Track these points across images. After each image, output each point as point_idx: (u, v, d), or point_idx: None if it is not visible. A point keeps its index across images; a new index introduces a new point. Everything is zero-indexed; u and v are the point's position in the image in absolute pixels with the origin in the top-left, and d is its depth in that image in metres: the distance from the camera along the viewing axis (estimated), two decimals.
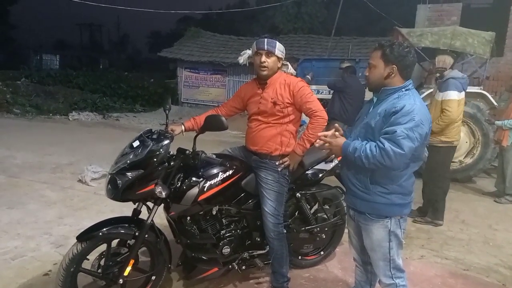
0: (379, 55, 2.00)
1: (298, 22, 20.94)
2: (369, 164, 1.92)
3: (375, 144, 1.92)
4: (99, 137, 8.88)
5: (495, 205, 5.11)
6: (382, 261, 2.15)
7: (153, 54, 21.52)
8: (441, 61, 4.08)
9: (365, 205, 2.08)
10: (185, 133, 2.71)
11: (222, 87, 15.25)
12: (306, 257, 3.16)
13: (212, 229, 2.61)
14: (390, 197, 2.02)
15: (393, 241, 2.09)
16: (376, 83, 2.05)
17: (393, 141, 1.86)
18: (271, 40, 2.51)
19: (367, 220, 2.10)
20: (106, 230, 2.29)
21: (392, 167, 1.92)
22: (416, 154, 1.99)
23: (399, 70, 1.99)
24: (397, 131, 1.86)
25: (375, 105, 2.08)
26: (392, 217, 2.06)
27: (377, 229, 2.08)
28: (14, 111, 11.97)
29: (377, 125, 1.97)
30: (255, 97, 2.64)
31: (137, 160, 2.27)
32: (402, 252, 2.21)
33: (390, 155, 1.85)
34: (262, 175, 2.60)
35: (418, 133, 1.88)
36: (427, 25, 9.58)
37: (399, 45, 1.99)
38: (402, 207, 2.06)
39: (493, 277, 3.17)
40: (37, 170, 5.70)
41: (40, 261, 3.09)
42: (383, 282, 2.21)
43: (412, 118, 1.87)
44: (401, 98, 1.95)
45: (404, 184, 2.03)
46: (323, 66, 8.83)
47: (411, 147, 1.86)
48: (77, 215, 4.08)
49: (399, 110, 1.89)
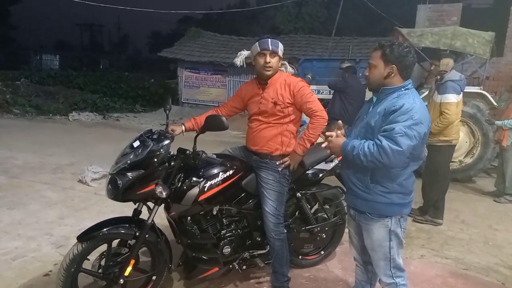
0: (379, 55, 2.01)
1: (299, 22, 20.95)
2: (367, 162, 1.93)
3: (373, 142, 1.93)
4: (99, 137, 8.88)
5: (495, 205, 5.11)
6: (383, 261, 2.15)
7: (154, 54, 21.55)
8: (445, 64, 4.14)
9: (365, 204, 2.09)
10: (185, 133, 2.71)
11: (223, 87, 15.26)
12: (307, 257, 3.16)
13: (212, 229, 2.61)
14: (390, 196, 2.02)
15: (393, 240, 2.09)
16: (376, 83, 2.06)
17: (391, 139, 1.87)
18: (274, 40, 2.51)
19: (368, 219, 2.11)
20: (106, 230, 2.29)
21: (390, 164, 1.92)
22: (416, 153, 2.00)
23: (399, 70, 2.00)
24: (395, 128, 1.87)
25: (374, 105, 2.09)
26: (392, 217, 2.06)
27: (378, 229, 2.09)
28: (14, 111, 11.96)
29: (376, 124, 1.98)
30: (255, 97, 2.65)
31: (138, 160, 2.27)
32: (402, 251, 2.21)
33: (388, 153, 1.86)
34: (263, 175, 2.60)
35: (416, 131, 1.88)
36: (427, 25, 9.58)
37: (399, 45, 2.00)
38: (402, 207, 2.07)
39: (493, 277, 3.18)
40: (37, 171, 5.70)
41: (41, 261, 3.09)
42: (383, 281, 2.21)
43: (411, 117, 1.88)
44: (401, 98, 1.96)
45: (404, 184, 2.04)
46: (323, 66, 8.84)
47: (409, 144, 1.87)
48: (78, 215, 4.08)
49: (398, 109, 1.90)
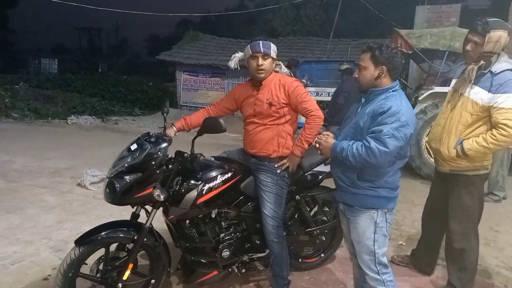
0: (369, 57, 2.08)
1: (297, 25, 21.01)
2: (355, 162, 2.02)
3: (361, 144, 2.01)
4: (98, 141, 8.86)
5: (495, 207, 5.09)
6: (367, 255, 2.19)
7: (152, 57, 21.54)
8: (494, 42, 2.39)
9: (353, 198, 2.17)
10: (177, 133, 2.69)
11: (221, 90, 15.25)
12: (306, 260, 3.14)
13: (211, 232, 2.59)
14: (378, 190, 2.10)
15: (378, 233, 2.15)
16: (367, 84, 2.13)
17: (379, 140, 1.95)
18: (266, 42, 2.49)
19: (355, 211, 2.18)
20: (104, 234, 2.27)
21: (378, 164, 2.01)
22: (402, 153, 2.08)
23: (388, 71, 2.06)
24: (383, 130, 1.95)
25: (363, 105, 2.17)
26: (378, 209, 2.13)
27: (364, 220, 2.15)
28: (13, 115, 11.93)
29: (365, 125, 2.06)
30: (250, 98, 2.63)
31: (135, 163, 2.25)
32: (392, 251, 2.20)
33: (376, 153, 1.95)
34: (261, 177, 2.59)
35: (403, 133, 1.96)
36: (426, 26, 9.60)
37: (387, 47, 2.07)
38: (388, 200, 2.14)
39: (494, 279, 3.16)
40: (36, 175, 5.68)
41: (39, 265, 3.07)
42: (370, 276, 2.22)
43: (398, 119, 1.95)
44: (388, 99, 2.03)
45: (390, 180, 2.11)
46: (322, 68, 8.88)
47: (396, 145, 1.95)
48: (77, 219, 4.06)
49: (386, 111, 1.98)
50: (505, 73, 2.41)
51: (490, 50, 2.41)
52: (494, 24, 2.39)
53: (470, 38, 2.48)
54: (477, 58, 2.48)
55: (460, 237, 2.70)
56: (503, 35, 2.38)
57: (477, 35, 2.44)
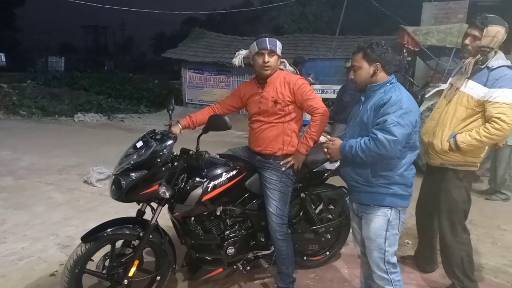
0: (361, 56, 2.12)
1: (303, 22, 20.88)
2: (366, 157, 2.02)
3: (368, 138, 2.01)
4: (104, 138, 8.92)
5: (502, 205, 5.05)
6: (377, 252, 2.18)
7: (158, 55, 21.57)
8: (491, 36, 2.41)
9: (369, 196, 2.16)
10: (183, 131, 2.69)
11: (227, 87, 15.24)
12: (312, 258, 3.14)
13: (216, 229, 2.60)
14: (393, 187, 2.09)
15: (390, 231, 2.14)
16: (364, 83, 2.15)
17: (385, 130, 1.96)
18: (272, 39, 2.49)
19: (369, 209, 2.17)
20: (110, 231, 2.29)
21: (388, 155, 2.00)
22: (411, 142, 2.07)
23: (382, 66, 2.09)
24: (387, 120, 1.96)
25: (364, 103, 2.19)
26: (393, 208, 2.12)
27: (377, 217, 2.14)
28: (21, 113, 12.08)
29: (369, 120, 2.07)
30: (255, 96, 2.63)
31: (141, 161, 2.26)
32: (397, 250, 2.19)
33: (384, 144, 1.94)
34: (267, 175, 2.59)
35: (408, 119, 1.97)
36: (433, 23, 9.51)
37: (377, 44, 2.11)
38: (404, 198, 2.14)
39: (502, 278, 3.13)
40: (43, 172, 5.74)
41: (47, 262, 3.11)
42: (378, 275, 2.22)
43: (400, 107, 1.97)
44: (387, 92, 2.06)
45: (405, 174, 2.10)
46: (327, 66, 8.83)
47: (402, 133, 1.95)
48: (83, 216, 4.09)
49: (387, 102, 2.00)
50: (501, 69, 2.43)
51: (487, 45, 2.43)
52: (493, 19, 2.43)
53: (469, 32, 2.51)
54: (475, 53, 2.50)
55: (449, 233, 2.71)
56: (500, 31, 2.42)
57: (475, 29, 2.46)
